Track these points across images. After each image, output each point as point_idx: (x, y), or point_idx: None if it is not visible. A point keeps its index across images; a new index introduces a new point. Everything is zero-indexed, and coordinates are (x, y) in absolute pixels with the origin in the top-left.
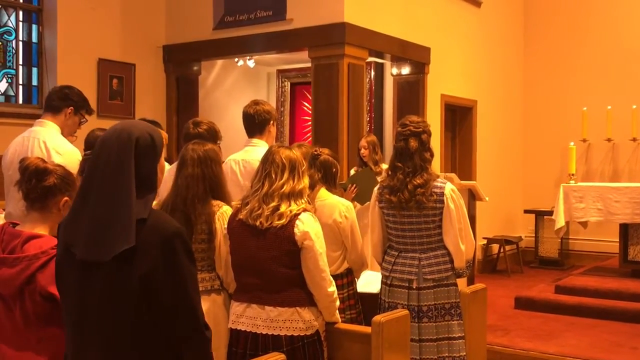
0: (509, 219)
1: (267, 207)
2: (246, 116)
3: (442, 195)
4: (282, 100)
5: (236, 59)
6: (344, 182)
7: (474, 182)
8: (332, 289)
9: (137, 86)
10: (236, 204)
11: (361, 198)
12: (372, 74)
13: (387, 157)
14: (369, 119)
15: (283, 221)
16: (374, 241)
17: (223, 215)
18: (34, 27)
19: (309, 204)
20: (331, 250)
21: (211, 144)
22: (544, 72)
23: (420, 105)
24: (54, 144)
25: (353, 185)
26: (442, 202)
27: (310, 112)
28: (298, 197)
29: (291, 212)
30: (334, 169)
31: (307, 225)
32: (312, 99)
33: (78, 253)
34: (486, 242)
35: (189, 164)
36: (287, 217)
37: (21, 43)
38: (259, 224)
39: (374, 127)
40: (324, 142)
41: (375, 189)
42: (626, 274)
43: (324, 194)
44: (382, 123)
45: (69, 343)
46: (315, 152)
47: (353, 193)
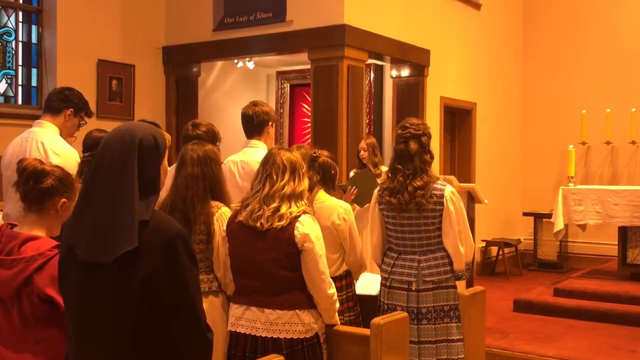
0: (508, 221)
1: (268, 209)
2: (245, 117)
3: (441, 197)
4: (281, 101)
5: (236, 61)
6: (344, 184)
7: (473, 184)
8: (332, 290)
9: (136, 87)
10: (235, 205)
11: (360, 200)
12: (372, 76)
13: (387, 159)
14: (368, 121)
15: (283, 222)
16: (373, 243)
17: (222, 217)
18: (34, 27)
19: (309, 206)
20: (330, 253)
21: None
22: (543, 75)
23: (420, 107)
24: (51, 145)
25: (352, 187)
26: (441, 204)
27: (310, 114)
28: (298, 198)
29: (291, 213)
30: (333, 171)
31: (307, 228)
32: (311, 100)
33: (80, 254)
34: (485, 244)
35: (189, 163)
36: (287, 218)
37: (21, 44)
38: (259, 225)
39: (373, 129)
40: (323, 144)
41: (375, 190)
42: (625, 276)
43: (322, 196)
44: (382, 125)
45: (71, 343)
46: (314, 154)
47: (352, 195)
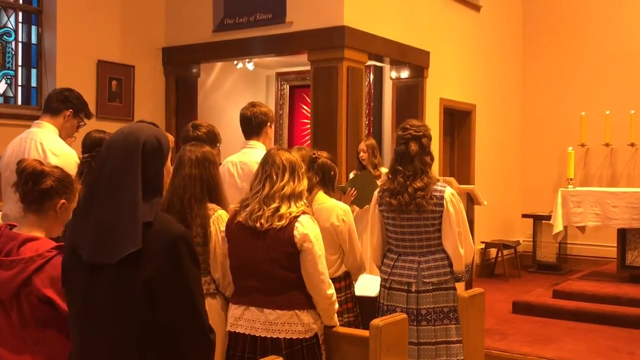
0: (507, 223)
1: (268, 209)
2: (243, 118)
3: (442, 198)
4: (281, 103)
5: (235, 62)
6: (343, 186)
7: (473, 186)
8: (331, 291)
9: (136, 88)
10: (235, 206)
11: (360, 201)
12: (371, 77)
13: (386, 160)
14: (367, 122)
15: (283, 222)
16: (373, 244)
17: (218, 219)
18: (34, 28)
19: (307, 206)
20: (329, 254)
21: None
22: (542, 77)
23: (419, 109)
24: (50, 145)
25: (352, 188)
26: (442, 205)
27: (309, 115)
28: (298, 198)
29: (290, 214)
30: (332, 172)
31: (307, 228)
32: (311, 102)
33: (84, 255)
34: (484, 246)
35: (187, 164)
36: (286, 218)
37: (20, 44)
38: (259, 225)
39: (372, 131)
40: (323, 145)
41: (375, 192)
42: (624, 278)
43: (321, 197)
44: (381, 126)
45: (74, 344)
46: (314, 155)
47: (352, 196)
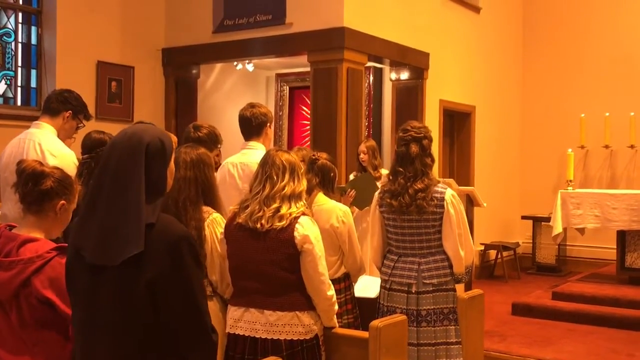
0: (506, 224)
1: (269, 209)
2: (243, 119)
3: (442, 200)
4: (280, 104)
5: (235, 63)
6: (343, 186)
7: (472, 187)
8: (331, 292)
9: (136, 89)
10: (234, 208)
11: (360, 203)
12: (371, 78)
13: (386, 162)
14: (367, 123)
15: (283, 223)
16: (373, 245)
17: (213, 222)
18: (33, 29)
19: (307, 207)
20: (328, 255)
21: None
22: (542, 78)
23: (419, 110)
24: (48, 146)
25: (351, 189)
26: (442, 207)
27: (309, 117)
28: (298, 199)
29: (291, 214)
30: (332, 174)
31: (307, 229)
32: (310, 103)
33: (87, 256)
34: (484, 247)
35: (182, 166)
36: (287, 219)
37: (20, 45)
38: (259, 226)
39: (372, 132)
40: (323, 147)
41: (376, 193)
42: (623, 280)
43: (321, 198)
44: (381, 128)
45: (77, 344)
46: (314, 156)
47: (351, 198)
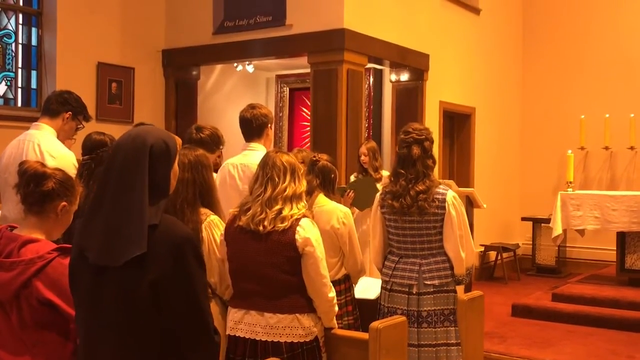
0: (506, 226)
1: (271, 211)
2: (243, 120)
3: (443, 201)
4: (280, 105)
5: (235, 64)
6: (343, 187)
7: (472, 189)
8: (332, 294)
9: (136, 90)
10: (234, 210)
11: (360, 204)
12: (371, 80)
13: (386, 163)
14: (367, 125)
15: (285, 224)
16: (374, 246)
17: (210, 225)
18: (34, 30)
19: (307, 209)
20: (329, 257)
21: (206, 149)
22: (542, 80)
23: (419, 111)
24: (48, 147)
25: (350, 190)
26: (443, 208)
27: (309, 118)
28: (299, 200)
29: (292, 216)
30: (333, 175)
31: (308, 232)
32: (310, 104)
33: (91, 257)
34: (483, 249)
35: (180, 168)
36: (288, 220)
37: (21, 46)
38: (261, 228)
39: (372, 134)
40: (323, 148)
41: (377, 194)
42: (623, 282)
43: (322, 200)
44: (381, 129)
45: (81, 345)
46: (314, 157)
47: (350, 199)
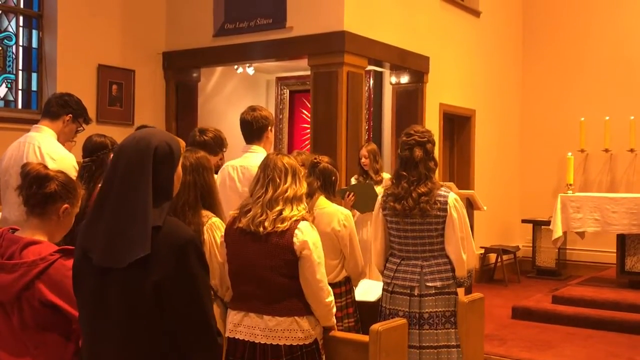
0: (506, 228)
1: (272, 212)
2: (244, 122)
3: (445, 204)
4: (281, 107)
5: (236, 66)
6: (344, 189)
7: (472, 191)
8: (330, 299)
9: (136, 92)
10: (234, 212)
11: (361, 207)
12: (371, 82)
13: (386, 165)
14: (367, 127)
15: (285, 225)
16: (376, 248)
17: (212, 227)
18: (34, 32)
19: (308, 212)
20: (329, 259)
21: (208, 151)
22: (542, 82)
23: (419, 114)
24: (48, 149)
25: (350, 193)
26: (445, 210)
27: (309, 120)
28: (299, 201)
29: (292, 217)
30: (334, 177)
31: (306, 235)
32: (311, 106)
33: (94, 259)
34: (484, 251)
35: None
36: (288, 221)
37: (21, 48)
38: (261, 229)
39: (372, 136)
40: (323, 150)
41: (379, 197)
42: (623, 284)
43: (323, 202)
44: (381, 131)
45: (84, 346)
46: (315, 160)
47: (351, 201)
